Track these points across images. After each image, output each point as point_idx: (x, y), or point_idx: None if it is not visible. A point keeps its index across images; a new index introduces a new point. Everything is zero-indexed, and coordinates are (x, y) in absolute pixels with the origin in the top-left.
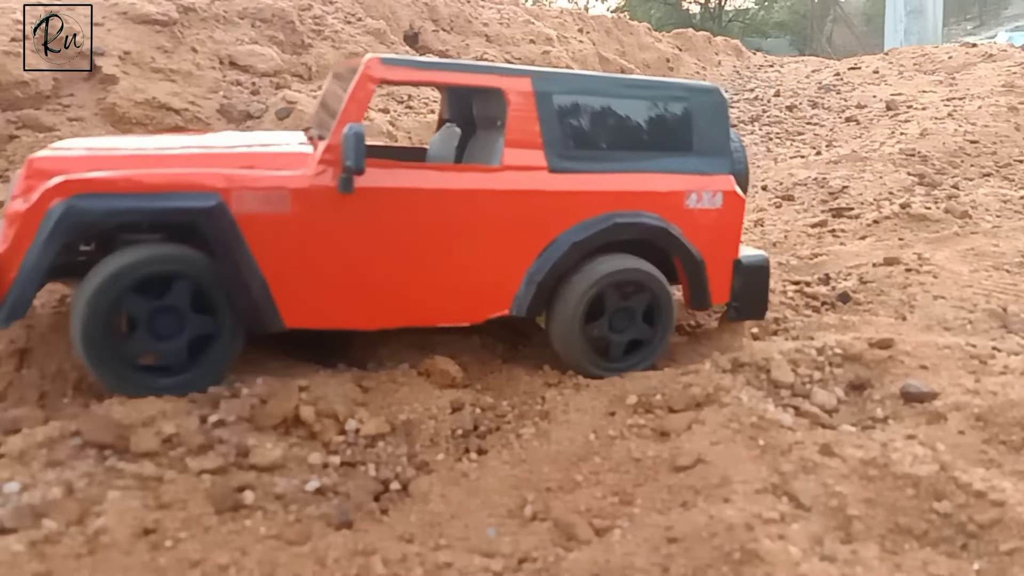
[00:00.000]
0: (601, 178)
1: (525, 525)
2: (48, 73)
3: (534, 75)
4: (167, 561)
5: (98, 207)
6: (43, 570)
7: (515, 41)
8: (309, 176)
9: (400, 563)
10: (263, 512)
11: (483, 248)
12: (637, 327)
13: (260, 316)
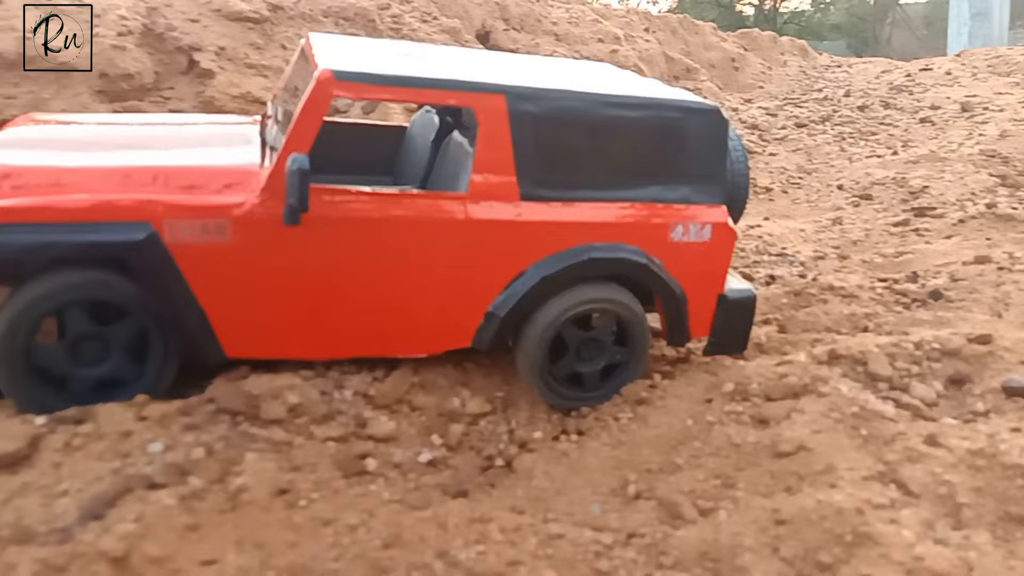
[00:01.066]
0: (578, 207)
1: (629, 503)
2: (151, 67)
3: (509, 92)
4: (302, 519)
5: (15, 242)
6: (193, 522)
7: (583, 40)
8: (251, 203)
9: (515, 532)
10: (384, 479)
11: (443, 279)
12: (608, 352)
13: (198, 348)
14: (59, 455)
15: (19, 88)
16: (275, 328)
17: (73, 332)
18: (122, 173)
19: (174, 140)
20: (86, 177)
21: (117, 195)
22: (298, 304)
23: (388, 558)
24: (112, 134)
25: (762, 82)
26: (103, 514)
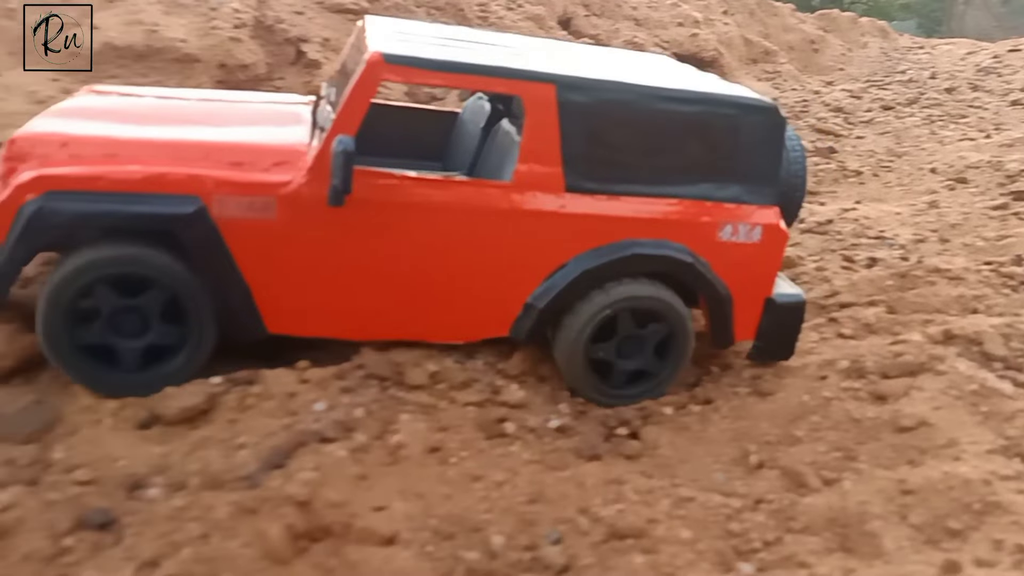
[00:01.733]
0: (624, 201)
1: (752, 472)
2: (263, 58)
3: (559, 82)
4: (454, 474)
5: (72, 209)
6: (361, 473)
7: (663, 24)
8: (298, 182)
9: (648, 493)
10: (522, 441)
11: (484, 267)
12: (645, 357)
13: (240, 323)
14: (234, 412)
15: (147, 78)
16: (316, 306)
17: (107, 307)
18: (174, 147)
19: (228, 117)
20: (140, 149)
21: (168, 168)
22: (339, 284)
23: (534, 512)
24: (170, 108)
25: (842, 64)
26: (283, 464)
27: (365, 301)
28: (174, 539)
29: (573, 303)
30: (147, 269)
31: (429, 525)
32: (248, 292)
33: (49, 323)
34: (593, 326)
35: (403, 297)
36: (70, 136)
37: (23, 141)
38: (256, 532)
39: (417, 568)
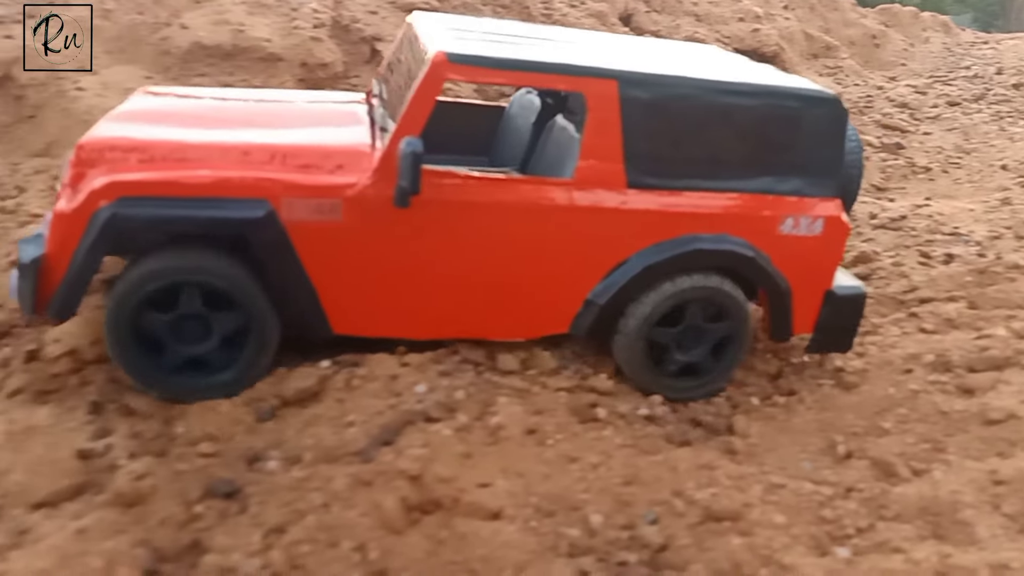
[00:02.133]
0: (685, 196)
1: (840, 462)
2: (340, 56)
3: (621, 77)
4: (551, 455)
5: (145, 215)
6: (466, 451)
7: (724, 20)
8: (364, 184)
9: (740, 479)
10: (614, 426)
11: (545, 264)
12: (702, 353)
13: (306, 324)
14: (342, 393)
15: (233, 76)
16: (381, 307)
17: (183, 309)
18: (241, 151)
19: (288, 118)
20: (206, 153)
21: (238, 172)
22: (404, 284)
23: (629, 493)
24: (229, 110)
25: (904, 59)
26: (391, 441)
27: (428, 300)
28: (297, 508)
29: (635, 298)
30: (215, 279)
31: (531, 502)
32: (314, 293)
33: (116, 326)
34: (662, 310)
35: (465, 296)
36: (137, 141)
37: (91, 147)
38: (372, 503)
39: (523, 542)
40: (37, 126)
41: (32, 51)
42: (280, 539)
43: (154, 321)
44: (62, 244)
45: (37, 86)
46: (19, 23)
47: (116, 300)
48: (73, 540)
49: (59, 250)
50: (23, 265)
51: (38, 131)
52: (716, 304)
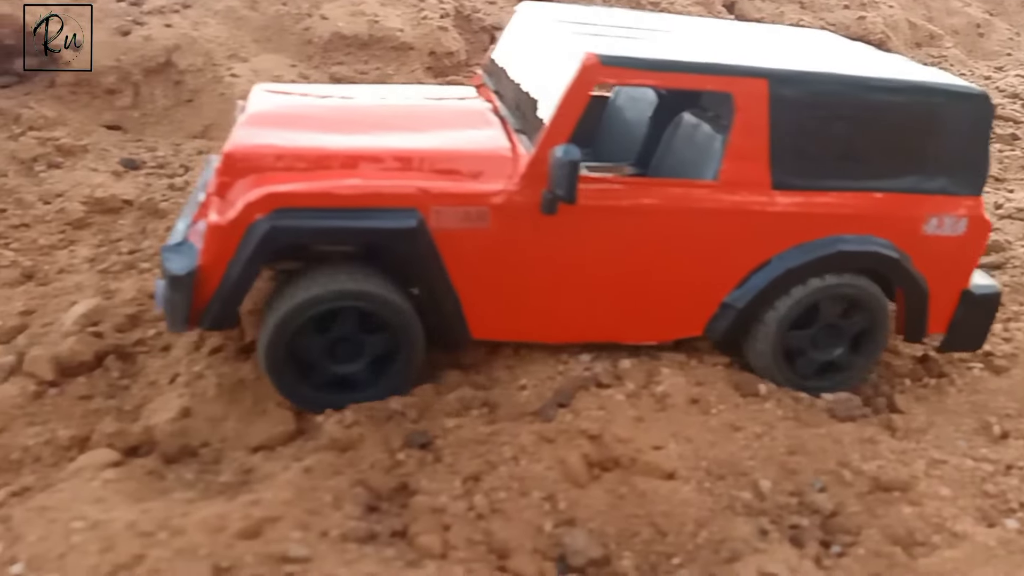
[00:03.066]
0: (829, 197)
1: (997, 441)
2: (463, 45)
3: (771, 76)
4: (716, 424)
5: (302, 226)
6: (638, 415)
7: (828, 7)
8: (511, 191)
9: (902, 454)
10: (776, 400)
11: (684, 267)
12: (840, 349)
13: (449, 330)
14: (511, 360)
15: (368, 65)
16: (520, 312)
17: (338, 332)
18: (383, 157)
19: (421, 120)
20: (351, 161)
21: (388, 182)
22: (544, 289)
23: (795, 462)
24: (360, 112)
25: (1010, 49)
26: (566, 403)
27: (566, 305)
28: (489, 459)
29: (773, 301)
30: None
31: (701, 466)
32: (458, 301)
33: (274, 345)
34: (797, 312)
35: (603, 299)
36: (283, 149)
37: (238, 156)
38: (556, 458)
39: (700, 501)
40: (195, 110)
41: (188, 39)
42: (478, 486)
43: (311, 344)
44: (217, 256)
45: (194, 72)
46: (177, 12)
47: (276, 324)
48: (303, 477)
49: (213, 262)
50: (176, 277)
51: (196, 114)
52: (857, 304)
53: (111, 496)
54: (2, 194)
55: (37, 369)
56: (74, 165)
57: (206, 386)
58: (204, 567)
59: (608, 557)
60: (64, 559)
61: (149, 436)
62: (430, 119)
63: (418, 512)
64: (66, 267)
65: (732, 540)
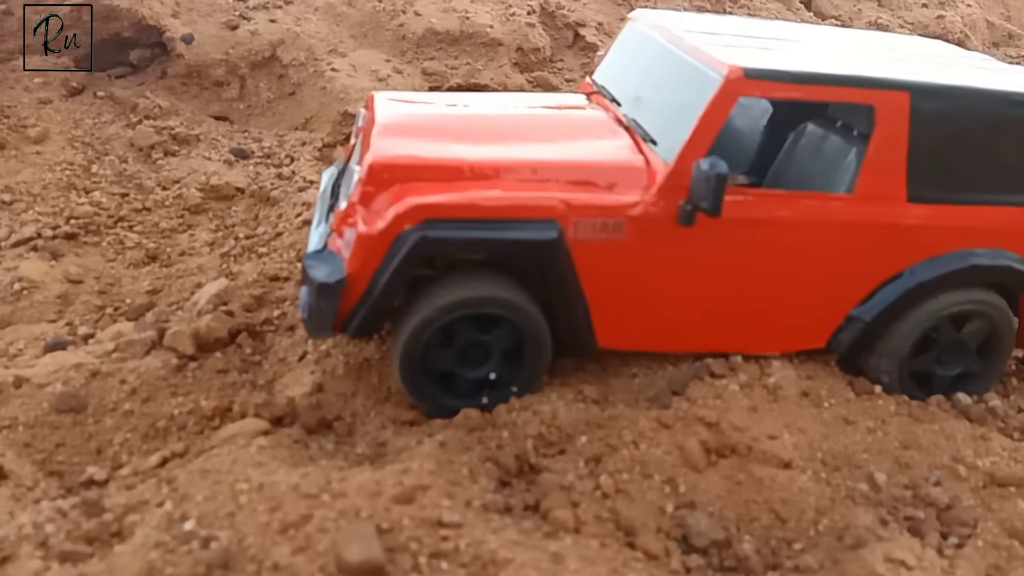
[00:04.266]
0: (962, 210)
1: None
2: (548, 42)
3: (914, 89)
4: (828, 417)
5: (449, 237)
6: (752, 405)
7: (907, 5)
8: (648, 202)
9: (1015, 451)
10: (886, 397)
11: (814, 279)
12: (968, 359)
13: (577, 339)
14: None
15: (459, 60)
16: (647, 322)
17: (461, 340)
18: (520, 168)
19: (548, 130)
20: (489, 171)
21: (529, 193)
22: (674, 300)
23: (908, 456)
24: (487, 121)
25: None
26: (681, 392)
27: (695, 315)
28: (611, 442)
29: (901, 314)
30: (505, 310)
31: (816, 457)
32: (588, 310)
33: (409, 355)
34: (913, 342)
35: (732, 311)
36: (424, 160)
37: (382, 167)
38: (675, 443)
39: (819, 491)
40: (297, 103)
41: (291, 34)
42: (600, 467)
43: (445, 354)
44: (364, 265)
45: (297, 66)
46: (280, 8)
47: (415, 327)
48: (440, 451)
49: (360, 271)
50: (325, 285)
51: (299, 107)
52: (987, 319)
53: (268, 461)
54: (123, 179)
55: (179, 344)
56: (188, 153)
57: (335, 364)
58: (368, 528)
59: (729, 540)
60: (234, 517)
61: (292, 407)
62: (557, 129)
63: (547, 489)
64: (187, 250)
65: (854, 528)
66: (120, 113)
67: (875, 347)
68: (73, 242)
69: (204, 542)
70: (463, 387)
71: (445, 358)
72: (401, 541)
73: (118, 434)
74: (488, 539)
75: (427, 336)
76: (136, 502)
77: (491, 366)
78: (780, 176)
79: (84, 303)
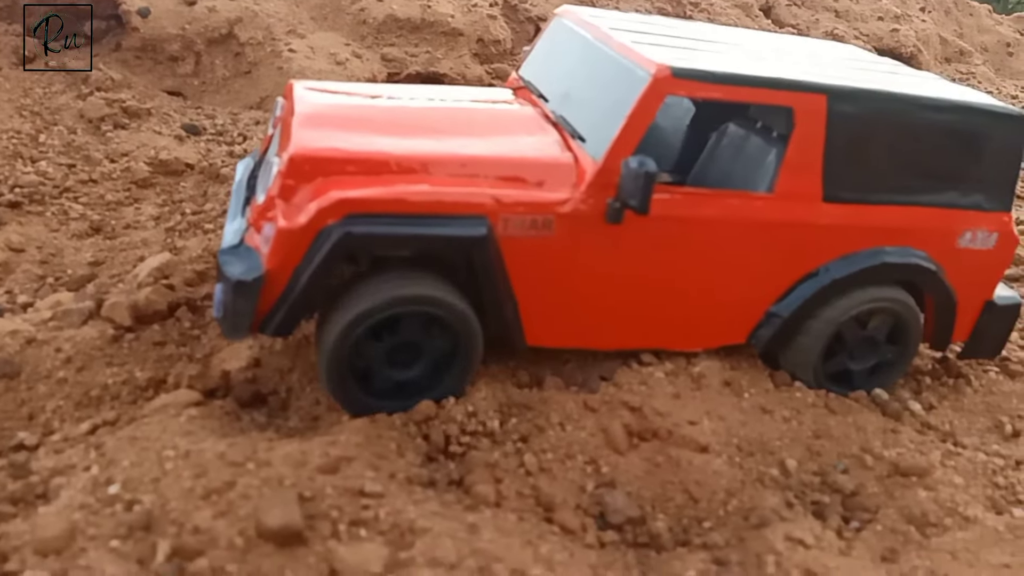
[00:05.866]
0: (874, 210)
1: (1008, 439)
2: (509, 34)
3: (831, 92)
4: (747, 406)
5: (375, 233)
6: (675, 392)
7: (863, 17)
8: (577, 200)
9: (921, 443)
10: (803, 390)
11: (734, 277)
12: (879, 352)
13: (506, 336)
14: None
15: (419, 48)
16: (574, 319)
17: (398, 339)
18: (448, 163)
19: (476, 125)
20: (415, 166)
21: (458, 189)
22: (599, 297)
23: (820, 445)
24: (413, 114)
25: None
26: (608, 377)
27: (618, 313)
28: (538, 424)
29: (816, 311)
30: (439, 309)
31: (732, 442)
32: (517, 308)
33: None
34: (823, 345)
35: (654, 308)
36: (348, 153)
37: (302, 160)
38: (599, 426)
39: (731, 473)
40: (253, 82)
41: (250, 12)
42: (527, 446)
43: (373, 351)
44: (284, 262)
45: (254, 45)
46: None
47: (342, 329)
48: (369, 426)
49: (280, 268)
50: (242, 283)
51: (253, 86)
52: (896, 317)
53: (197, 430)
54: (71, 150)
55: (116, 315)
56: (139, 127)
57: (273, 340)
58: (291, 496)
59: (644, 517)
60: (159, 483)
61: (226, 381)
62: (486, 123)
63: (473, 465)
64: (132, 223)
65: (760, 509)
66: (71, 84)
67: (792, 343)
68: (16, 211)
69: (128, 505)
70: (392, 388)
71: (375, 359)
72: (322, 509)
73: (51, 401)
74: (408, 509)
75: (355, 337)
76: (63, 466)
77: (421, 367)
78: (703, 175)
79: (25, 272)
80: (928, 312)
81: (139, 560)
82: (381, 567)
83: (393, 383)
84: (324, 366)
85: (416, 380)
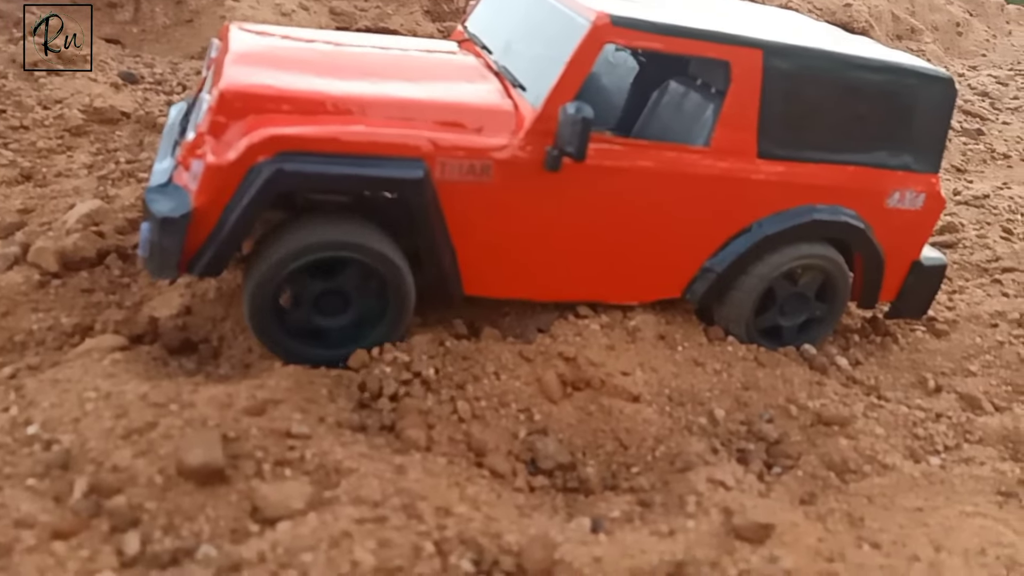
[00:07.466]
0: (807, 168)
1: (930, 394)
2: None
3: (767, 48)
4: (680, 359)
5: (307, 171)
6: (610, 343)
7: None
8: (516, 146)
9: (845, 396)
10: (735, 344)
11: (670, 231)
12: (809, 308)
13: (444, 284)
14: None
15: (368, 2)
16: (512, 269)
17: (311, 293)
18: (386, 105)
19: (416, 70)
20: (354, 106)
21: (395, 130)
22: (537, 247)
23: (747, 396)
24: (352, 57)
25: (985, 50)
26: (545, 329)
27: (556, 263)
28: (474, 373)
29: (749, 267)
30: (362, 255)
31: (664, 393)
32: (455, 256)
33: (259, 301)
34: (756, 299)
35: (592, 259)
36: (281, 90)
37: (233, 96)
38: (534, 375)
39: (661, 422)
40: (194, 30)
41: None
42: (461, 394)
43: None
44: (213, 199)
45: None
46: None
47: (266, 271)
48: (301, 372)
49: (209, 205)
50: (169, 220)
51: (195, 35)
52: (825, 274)
53: (121, 373)
54: (2, 96)
55: (42, 260)
56: (74, 74)
57: (206, 288)
58: (213, 435)
59: (574, 463)
60: (79, 423)
61: (153, 327)
62: (426, 70)
63: (405, 412)
64: (64, 171)
65: (686, 455)
66: (3, 28)
67: (725, 298)
68: None
69: (46, 445)
70: (319, 335)
71: (300, 305)
72: (247, 449)
73: None
74: (335, 451)
75: (279, 281)
76: None
77: (350, 315)
78: (645, 131)
79: None
80: (856, 271)
81: (55, 497)
82: (304, 504)
83: (316, 328)
84: (247, 311)
85: (343, 328)
